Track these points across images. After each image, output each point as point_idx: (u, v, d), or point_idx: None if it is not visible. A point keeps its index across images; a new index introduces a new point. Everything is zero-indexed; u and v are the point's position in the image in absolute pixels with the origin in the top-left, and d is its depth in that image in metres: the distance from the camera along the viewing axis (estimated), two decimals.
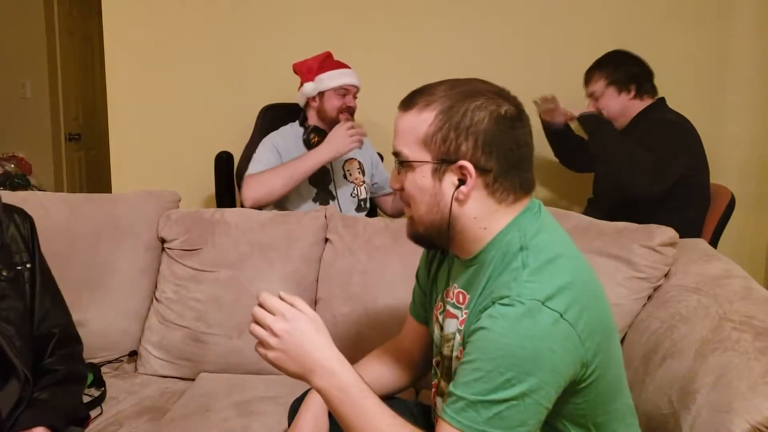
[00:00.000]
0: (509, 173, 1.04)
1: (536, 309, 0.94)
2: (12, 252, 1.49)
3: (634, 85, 2.34)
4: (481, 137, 1.02)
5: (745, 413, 1.04)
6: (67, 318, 1.59)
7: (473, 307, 1.06)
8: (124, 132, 2.90)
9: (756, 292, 1.38)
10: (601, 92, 2.36)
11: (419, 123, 1.04)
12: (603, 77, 2.36)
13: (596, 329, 0.99)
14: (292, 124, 2.36)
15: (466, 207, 1.05)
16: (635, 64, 2.36)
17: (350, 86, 2.28)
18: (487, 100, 1.03)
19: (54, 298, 1.58)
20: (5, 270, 1.47)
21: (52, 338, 1.52)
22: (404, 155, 1.06)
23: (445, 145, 1.03)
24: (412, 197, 1.08)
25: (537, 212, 1.09)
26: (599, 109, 2.37)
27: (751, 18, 2.67)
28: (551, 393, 0.95)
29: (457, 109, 1.02)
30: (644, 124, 2.32)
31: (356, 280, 1.85)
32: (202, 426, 1.55)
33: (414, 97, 1.07)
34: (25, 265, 1.51)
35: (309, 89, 2.27)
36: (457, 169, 1.03)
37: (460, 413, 0.96)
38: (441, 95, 1.04)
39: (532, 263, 1.00)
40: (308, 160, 2.15)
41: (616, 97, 2.35)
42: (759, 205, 2.77)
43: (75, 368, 1.54)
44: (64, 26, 4.36)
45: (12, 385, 1.41)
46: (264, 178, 2.13)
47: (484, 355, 0.95)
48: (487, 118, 1.02)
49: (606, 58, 2.39)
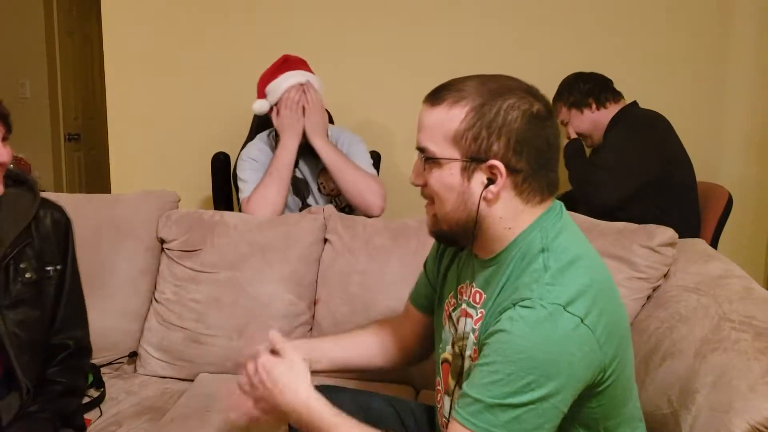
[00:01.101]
0: (538, 174, 1.03)
1: (558, 313, 0.94)
2: (43, 251, 1.46)
3: (592, 98, 2.44)
4: (514, 137, 1.00)
5: (745, 413, 1.04)
6: (84, 330, 1.57)
7: (491, 307, 1.05)
8: (124, 132, 2.90)
9: (755, 292, 1.38)
10: (567, 118, 2.49)
11: (449, 119, 1.02)
12: (562, 104, 2.48)
13: (614, 332, 0.99)
14: (260, 134, 2.30)
15: (494, 207, 1.03)
16: (585, 81, 2.46)
17: (294, 87, 2.14)
18: (519, 98, 1.01)
19: (77, 307, 1.55)
20: (30, 272, 1.43)
21: (64, 350, 1.51)
22: (431, 151, 1.04)
23: (476, 144, 1.01)
24: (437, 194, 1.06)
25: (559, 213, 1.08)
26: (575, 132, 2.49)
27: (751, 18, 2.67)
28: (569, 397, 0.95)
29: (490, 107, 1.00)
30: (615, 127, 2.39)
31: (356, 280, 1.85)
32: (202, 426, 1.55)
33: (442, 92, 1.04)
34: (55, 266, 1.47)
35: (258, 107, 2.18)
36: (487, 168, 1.01)
37: (477, 416, 0.95)
38: (471, 92, 1.02)
39: (553, 265, 0.99)
40: (281, 156, 2.10)
41: (581, 116, 2.46)
42: (758, 205, 2.77)
43: (77, 382, 1.53)
44: (64, 26, 4.35)
45: (14, 395, 1.41)
46: (258, 196, 2.06)
47: (503, 358, 0.94)
48: (520, 117, 1.00)
49: (559, 87, 2.50)
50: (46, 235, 1.47)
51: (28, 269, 1.42)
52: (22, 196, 1.44)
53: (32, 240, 1.44)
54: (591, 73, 2.47)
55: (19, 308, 1.41)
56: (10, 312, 1.40)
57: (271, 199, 2.05)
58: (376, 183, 2.11)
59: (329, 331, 1.83)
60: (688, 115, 2.34)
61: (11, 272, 1.40)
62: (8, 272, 1.40)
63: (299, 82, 2.13)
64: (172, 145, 2.88)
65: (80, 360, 1.56)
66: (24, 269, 1.42)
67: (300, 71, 2.17)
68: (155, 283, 1.96)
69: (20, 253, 1.41)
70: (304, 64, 2.21)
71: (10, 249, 1.40)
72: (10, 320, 1.40)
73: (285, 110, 2.12)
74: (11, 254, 1.40)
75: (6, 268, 1.40)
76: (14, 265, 1.41)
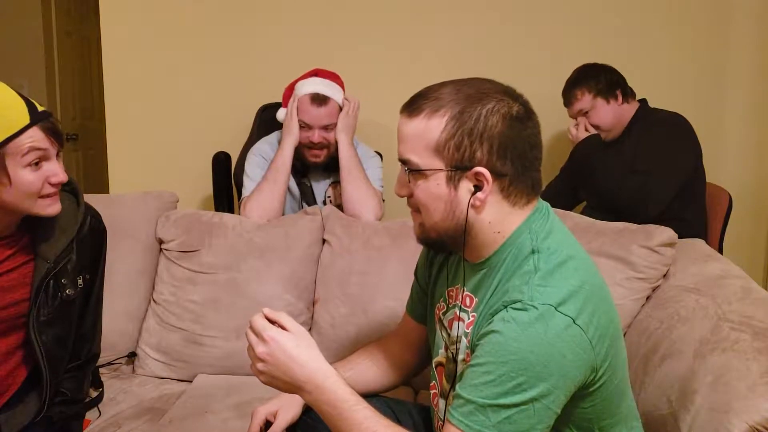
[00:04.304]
0: (523, 175, 1.03)
1: (549, 314, 0.94)
2: (79, 262, 1.42)
3: (619, 90, 2.31)
4: (496, 141, 1.00)
5: (744, 413, 1.04)
6: (98, 338, 1.57)
7: (482, 310, 1.05)
8: (122, 132, 2.89)
9: (754, 292, 1.38)
10: (591, 106, 2.31)
11: (429, 130, 1.01)
12: (587, 91, 2.31)
13: (606, 332, 0.99)
14: (276, 132, 2.30)
15: (482, 213, 1.03)
16: (611, 71, 2.33)
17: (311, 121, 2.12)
18: (498, 101, 1.01)
19: (96, 319, 1.54)
20: (70, 287, 1.39)
21: (76, 360, 1.50)
22: (414, 163, 1.04)
23: (460, 152, 1.00)
24: (424, 205, 1.06)
25: (546, 214, 1.08)
26: (593, 124, 2.33)
27: (751, 18, 2.67)
28: (561, 398, 0.95)
29: (470, 114, 1.00)
30: (639, 126, 2.31)
31: (355, 280, 1.85)
32: (200, 427, 1.55)
33: (419, 102, 1.04)
34: (84, 276, 1.45)
35: (281, 115, 2.19)
36: (472, 175, 1.01)
37: (469, 416, 0.95)
38: (449, 99, 1.01)
39: (543, 266, 0.99)
40: (279, 157, 2.10)
41: (606, 106, 2.30)
42: (758, 206, 2.77)
43: (79, 393, 1.53)
44: (62, 26, 4.34)
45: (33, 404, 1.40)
46: (254, 200, 2.06)
47: (495, 359, 0.94)
48: (500, 121, 1.00)
49: (581, 73, 2.35)
50: (84, 245, 1.44)
51: (68, 285, 1.39)
52: (66, 202, 1.40)
53: (73, 253, 1.41)
54: (612, 66, 2.35)
55: (57, 324, 1.40)
56: (48, 329, 1.38)
57: (267, 205, 2.04)
58: (376, 200, 2.10)
59: (328, 331, 1.83)
60: (688, 115, 2.33)
61: (51, 288, 1.37)
62: (48, 289, 1.37)
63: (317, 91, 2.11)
64: (170, 146, 2.87)
65: (87, 367, 1.56)
66: (65, 285, 1.39)
67: (324, 80, 2.16)
68: (153, 284, 1.95)
69: (62, 269, 1.39)
70: (334, 77, 2.20)
71: (54, 265, 1.37)
72: (48, 337, 1.38)
73: (288, 115, 2.13)
74: (54, 270, 1.37)
75: (47, 284, 1.37)
76: (55, 281, 1.38)
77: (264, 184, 2.08)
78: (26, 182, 1.26)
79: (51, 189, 1.30)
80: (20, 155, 1.24)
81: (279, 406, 1.25)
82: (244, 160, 2.28)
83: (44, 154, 1.27)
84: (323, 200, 2.27)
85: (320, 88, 2.12)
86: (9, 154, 1.23)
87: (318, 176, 2.25)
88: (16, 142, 1.23)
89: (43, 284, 1.36)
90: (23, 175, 1.26)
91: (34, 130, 1.25)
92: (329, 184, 2.26)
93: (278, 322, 1.05)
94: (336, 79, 2.19)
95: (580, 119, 2.36)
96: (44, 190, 1.29)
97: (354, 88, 2.28)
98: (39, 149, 1.26)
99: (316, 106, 2.10)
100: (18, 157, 1.24)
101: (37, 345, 1.36)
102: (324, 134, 2.12)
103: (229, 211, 2.62)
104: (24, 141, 1.24)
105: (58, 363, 1.42)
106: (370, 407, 1.02)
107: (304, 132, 2.12)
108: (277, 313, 1.06)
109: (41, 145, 1.26)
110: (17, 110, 1.24)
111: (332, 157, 2.16)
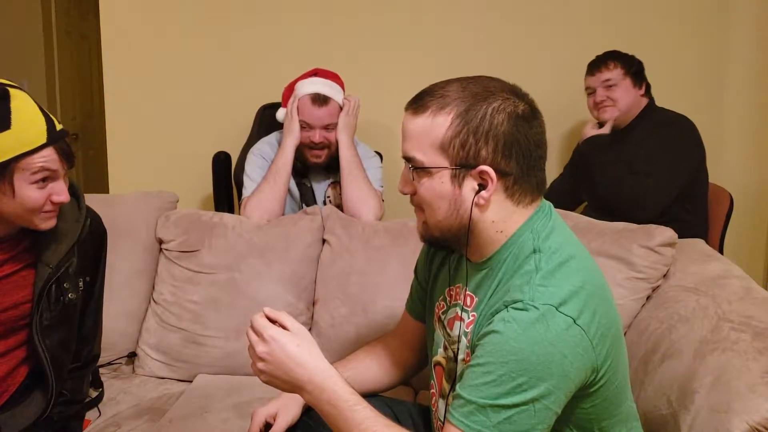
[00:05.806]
0: (528, 175, 1.03)
1: (550, 314, 0.93)
2: (80, 265, 1.42)
3: (645, 82, 2.32)
4: (501, 140, 0.99)
5: (744, 413, 1.04)
6: (98, 339, 1.57)
7: (482, 309, 1.04)
8: (122, 132, 2.89)
9: (755, 292, 1.38)
10: (619, 81, 2.29)
11: (434, 127, 1.01)
12: (620, 66, 2.30)
13: (607, 333, 0.99)
14: (276, 132, 2.29)
15: (486, 211, 1.03)
16: (642, 65, 2.34)
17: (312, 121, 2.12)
18: (504, 100, 1.01)
19: (97, 321, 1.54)
20: (72, 291, 1.39)
21: (77, 360, 1.50)
22: (419, 161, 1.03)
23: (465, 150, 1.00)
24: (428, 203, 1.05)
25: (548, 213, 1.07)
26: (611, 98, 2.29)
27: (750, 18, 2.67)
28: (562, 398, 0.95)
29: (475, 112, 0.99)
30: (644, 125, 2.31)
31: (354, 280, 1.85)
32: (200, 427, 1.54)
33: (424, 99, 1.03)
34: (85, 278, 1.45)
35: (281, 115, 2.18)
36: (477, 174, 1.01)
37: (469, 417, 0.95)
38: (455, 97, 1.01)
39: (545, 266, 0.99)
40: (280, 158, 2.09)
41: (631, 89, 2.29)
42: (759, 206, 2.77)
43: (79, 393, 1.53)
44: (62, 25, 4.35)
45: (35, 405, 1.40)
46: (254, 201, 2.06)
47: (495, 359, 0.94)
48: (506, 120, 0.99)
49: (617, 52, 2.34)
50: (85, 247, 1.44)
51: (70, 289, 1.39)
52: (67, 205, 1.39)
53: (74, 257, 1.41)
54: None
55: (60, 328, 1.40)
56: (52, 333, 1.38)
57: (268, 206, 2.04)
58: (377, 200, 2.09)
59: (328, 331, 1.83)
60: (689, 115, 2.33)
61: (53, 293, 1.37)
62: (50, 293, 1.37)
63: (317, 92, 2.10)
64: (170, 145, 2.87)
65: (88, 368, 1.56)
66: (67, 289, 1.39)
67: (325, 80, 2.15)
68: (153, 284, 1.95)
69: (64, 273, 1.39)
70: (334, 77, 2.19)
71: (55, 270, 1.37)
72: (52, 341, 1.38)
73: (287, 115, 2.12)
74: (56, 275, 1.37)
75: (49, 289, 1.36)
76: (57, 286, 1.38)
77: (264, 184, 2.08)
78: (30, 199, 1.27)
79: (51, 207, 1.31)
80: (30, 172, 1.25)
81: (278, 408, 1.25)
82: (244, 161, 2.28)
83: (53, 175, 1.28)
84: (323, 200, 2.27)
85: (320, 88, 2.12)
86: (19, 169, 1.24)
87: (318, 176, 2.25)
88: (28, 159, 1.24)
89: (45, 289, 1.36)
90: (28, 192, 1.26)
91: (48, 150, 1.25)
92: (329, 184, 2.26)
93: (279, 322, 1.05)
94: (336, 79, 2.19)
95: (599, 90, 2.31)
96: (45, 207, 1.30)
97: (354, 88, 2.27)
98: (49, 170, 1.27)
99: (317, 107, 2.10)
100: (27, 174, 1.25)
101: (42, 350, 1.37)
102: (325, 134, 2.12)
103: (229, 211, 2.62)
104: (36, 160, 1.24)
105: (62, 366, 1.42)
106: (370, 407, 1.02)
107: (305, 132, 2.12)
108: (278, 312, 1.06)
109: (52, 166, 1.27)
110: (36, 127, 1.25)
111: (332, 158, 2.16)
